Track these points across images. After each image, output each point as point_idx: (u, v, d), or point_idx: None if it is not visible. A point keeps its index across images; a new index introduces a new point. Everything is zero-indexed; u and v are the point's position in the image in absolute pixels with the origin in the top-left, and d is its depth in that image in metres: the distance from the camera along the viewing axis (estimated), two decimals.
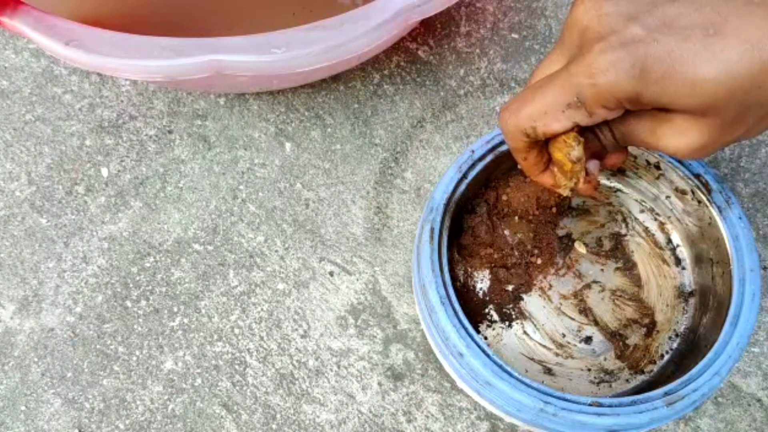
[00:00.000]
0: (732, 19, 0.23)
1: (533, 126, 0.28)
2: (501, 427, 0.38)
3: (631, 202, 0.40)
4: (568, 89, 0.26)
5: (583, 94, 0.26)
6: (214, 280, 0.41)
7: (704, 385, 0.31)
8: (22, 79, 0.47)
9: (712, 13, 0.24)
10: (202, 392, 0.39)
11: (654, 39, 0.24)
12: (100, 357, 0.39)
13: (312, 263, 0.42)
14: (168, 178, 0.44)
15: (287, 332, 0.40)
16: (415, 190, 0.43)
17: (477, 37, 0.48)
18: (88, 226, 0.43)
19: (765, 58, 0.23)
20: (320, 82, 0.47)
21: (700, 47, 0.23)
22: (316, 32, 0.33)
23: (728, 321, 0.32)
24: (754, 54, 0.23)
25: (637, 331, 0.37)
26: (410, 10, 0.34)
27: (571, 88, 0.26)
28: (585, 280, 0.38)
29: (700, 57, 0.23)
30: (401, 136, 0.45)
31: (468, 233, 0.39)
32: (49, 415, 0.38)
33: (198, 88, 0.45)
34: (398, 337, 0.40)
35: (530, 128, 0.28)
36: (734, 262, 0.33)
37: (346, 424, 0.38)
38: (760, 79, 0.23)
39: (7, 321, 0.40)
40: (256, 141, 0.45)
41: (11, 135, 0.45)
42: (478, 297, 0.38)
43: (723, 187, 0.35)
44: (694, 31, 0.24)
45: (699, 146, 0.26)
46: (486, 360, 0.31)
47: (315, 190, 0.44)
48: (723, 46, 0.23)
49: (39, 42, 0.32)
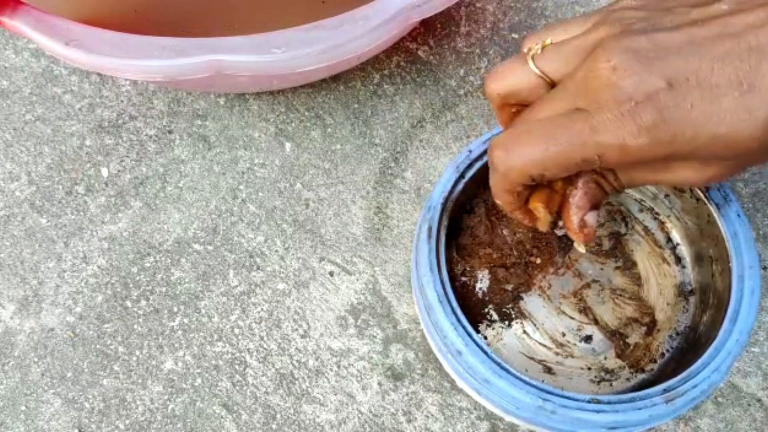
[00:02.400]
0: (765, 74, 0.22)
1: (542, 174, 0.26)
2: (501, 426, 0.38)
3: (630, 201, 0.40)
4: (590, 146, 0.24)
5: (607, 155, 0.24)
6: (214, 280, 0.41)
7: (704, 382, 0.31)
8: (22, 79, 0.47)
9: (742, 66, 0.23)
10: (202, 392, 0.39)
11: (687, 101, 0.23)
12: (100, 357, 0.39)
13: (312, 263, 0.42)
14: (168, 178, 0.44)
15: (287, 332, 0.40)
16: (415, 190, 0.44)
17: (477, 37, 0.48)
18: (88, 226, 0.43)
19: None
20: (320, 82, 0.47)
21: (735, 106, 0.23)
22: (316, 32, 0.33)
23: (727, 317, 0.32)
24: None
25: (637, 329, 0.37)
26: (410, 10, 0.34)
27: (593, 146, 0.24)
28: (585, 279, 0.38)
29: (735, 117, 0.23)
30: (401, 136, 0.45)
31: (467, 233, 0.39)
32: (49, 415, 0.38)
33: (198, 88, 0.45)
34: (398, 337, 0.40)
35: (539, 175, 0.26)
36: (733, 259, 0.33)
37: (346, 424, 0.38)
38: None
39: (7, 321, 0.40)
40: (256, 141, 0.45)
41: (11, 135, 0.45)
42: (477, 297, 0.38)
43: (721, 185, 0.35)
44: (729, 90, 0.23)
45: (716, 178, 0.26)
46: (484, 357, 0.31)
47: (315, 190, 0.44)
48: (759, 104, 0.23)
49: (39, 42, 0.33)
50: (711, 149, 0.24)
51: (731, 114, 0.23)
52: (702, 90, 0.23)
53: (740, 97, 0.23)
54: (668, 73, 0.23)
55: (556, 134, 0.25)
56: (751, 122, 0.23)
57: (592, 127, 0.24)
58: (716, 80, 0.23)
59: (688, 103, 0.23)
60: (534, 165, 0.26)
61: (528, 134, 0.26)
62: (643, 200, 0.40)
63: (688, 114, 0.23)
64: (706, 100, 0.23)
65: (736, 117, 0.23)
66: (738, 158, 0.24)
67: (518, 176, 0.27)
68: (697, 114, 0.23)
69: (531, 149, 0.26)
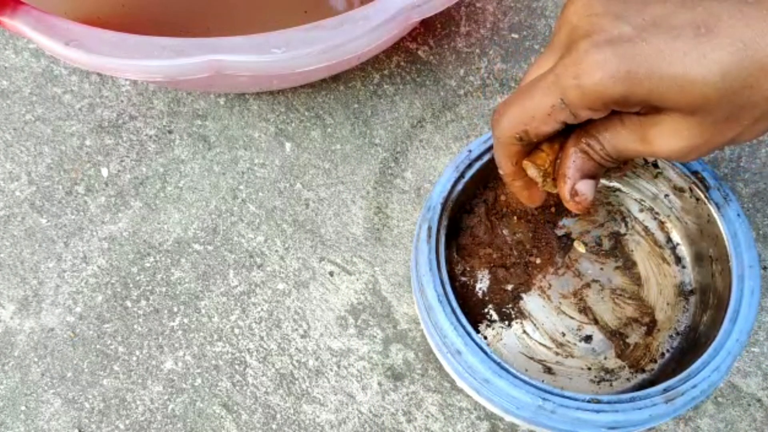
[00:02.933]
0: (724, 18, 0.23)
1: (525, 130, 0.28)
2: (501, 427, 0.38)
3: (630, 201, 0.40)
4: (553, 91, 0.26)
5: (568, 97, 0.25)
6: (214, 280, 0.41)
7: (704, 382, 0.31)
8: (22, 79, 0.47)
9: (704, 12, 0.23)
10: (202, 392, 0.39)
11: (642, 38, 0.23)
12: (100, 357, 0.39)
13: (312, 263, 0.42)
14: (168, 178, 0.44)
15: (287, 332, 0.40)
16: (415, 190, 0.44)
17: (477, 37, 0.48)
18: (88, 226, 0.43)
19: (756, 58, 0.22)
20: (320, 82, 0.47)
21: (691, 46, 0.23)
22: (316, 32, 0.33)
23: (727, 317, 0.32)
24: (745, 54, 0.22)
25: (637, 329, 0.37)
26: (410, 10, 0.34)
27: (556, 90, 0.25)
28: (584, 279, 0.38)
29: (690, 57, 0.23)
30: (401, 136, 0.45)
31: (467, 233, 0.39)
32: (49, 415, 0.38)
33: (198, 88, 0.45)
34: (398, 337, 0.40)
35: (522, 132, 0.28)
36: (733, 258, 0.33)
37: (346, 424, 0.38)
38: (750, 79, 0.23)
39: (7, 321, 0.40)
40: (256, 141, 0.45)
41: (11, 135, 0.45)
42: (477, 297, 0.38)
43: (721, 184, 0.35)
44: (685, 30, 0.23)
45: (691, 146, 0.26)
46: (484, 357, 0.31)
47: (315, 190, 0.44)
48: (714, 46, 0.23)
49: (39, 42, 0.33)
50: (667, 94, 0.24)
51: (685, 55, 0.23)
52: (659, 28, 0.23)
53: (695, 38, 0.23)
54: (626, 12, 0.24)
55: (530, 89, 0.27)
56: (703, 64, 0.23)
57: (556, 73, 0.25)
58: (675, 21, 0.23)
59: (644, 41, 0.23)
60: (516, 122, 0.27)
61: (513, 96, 0.28)
62: (643, 200, 0.40)
63: (642, 51, 0.23)
64: (662, 38, 0.23)
65: (690, 58, 0.23)
66: (700, 111, 0.24)
67: (507, 137, 0.28)
68: (651, 51, 0.23)
69: (512, 108, 0.28)
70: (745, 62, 0.22)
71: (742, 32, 0.22)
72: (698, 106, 0.24)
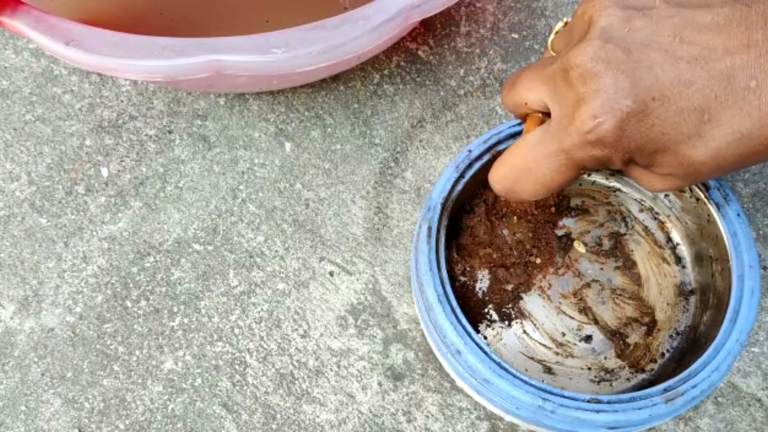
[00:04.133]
0: (728, 107, 0.24)
1: (521, 113, 0.32)
2: (501, 427, 0.38)
3: (630, 201, 0.40)
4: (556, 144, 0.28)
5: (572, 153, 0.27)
6: (214, 280, 0.41)
7: (703, 382, 0.31)
8: (22, 79, 0.47)
9: (710, 97, 0.24)
10: (202, 392, 0.39)
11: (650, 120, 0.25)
12: (100, 357, 0.39)
13: (312, 263, 0.42)
14: (168, 178, 0.44)
15: (287, 332, 0.40)
16: (415, 190, 0.44)
17: (477, 37, 0.48)
18: (88, 226, 0.43)
19: (752, 146, 0.24)
20: (320, 82, 0.47)
21: (694, 132, 0.25)
22: (316, 32, 0.33)
23: (727, 317, 0.32)
24: (742, 142, 0.24)
25: (637, 329, 0.37)
26: (410, 10, 0.34)
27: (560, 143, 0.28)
28: (584, 279, 0.38)
29: (692, 141, 0.25)
30: (401, 136, 0.45)
31: (466, 233, 0.39)
32: (49, 415, 0.38)
33: (198, 88, 0.45)
34: (398, 337, 0.40)
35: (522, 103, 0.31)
36: (733, 258, 0.33)
37: (346, 424, 0.38)
38: (744, 161, 0.25)
39: (7, 321, 0.40)
40: (256, 141, 0.45)
41: (11, 135, 0.45)
42: (477, 297, 0.38)
43: (720, 184, 0.35)
44: (691, 116, 0.24)
45: (675, 188, 0.29)
46: (483, 357, 0.31)
47: (315, 190, 0.44)
48: (715, 135, 0.24)
49: (39, 42, 0.33)
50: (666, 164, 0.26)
51: (688, 138, 0.25)
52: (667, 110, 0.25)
53: (699, 125, 0.24)
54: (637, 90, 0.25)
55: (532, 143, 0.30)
56: (703, 150, 0.25)
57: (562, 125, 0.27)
58: (683, 104, 0.24)
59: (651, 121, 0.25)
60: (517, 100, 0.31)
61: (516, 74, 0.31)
62: (643, 200, 0.40)
63: (648, 131, 0.25)
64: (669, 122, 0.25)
65: (692, 141, 0.25)
66: (690, 178, 0.27)
67: (509, 108, 0.32)
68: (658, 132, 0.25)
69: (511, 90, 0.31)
70: (741, 149, 0.25)
71: (743, 123, 0.24)
72: (690, 175, 0.27)
